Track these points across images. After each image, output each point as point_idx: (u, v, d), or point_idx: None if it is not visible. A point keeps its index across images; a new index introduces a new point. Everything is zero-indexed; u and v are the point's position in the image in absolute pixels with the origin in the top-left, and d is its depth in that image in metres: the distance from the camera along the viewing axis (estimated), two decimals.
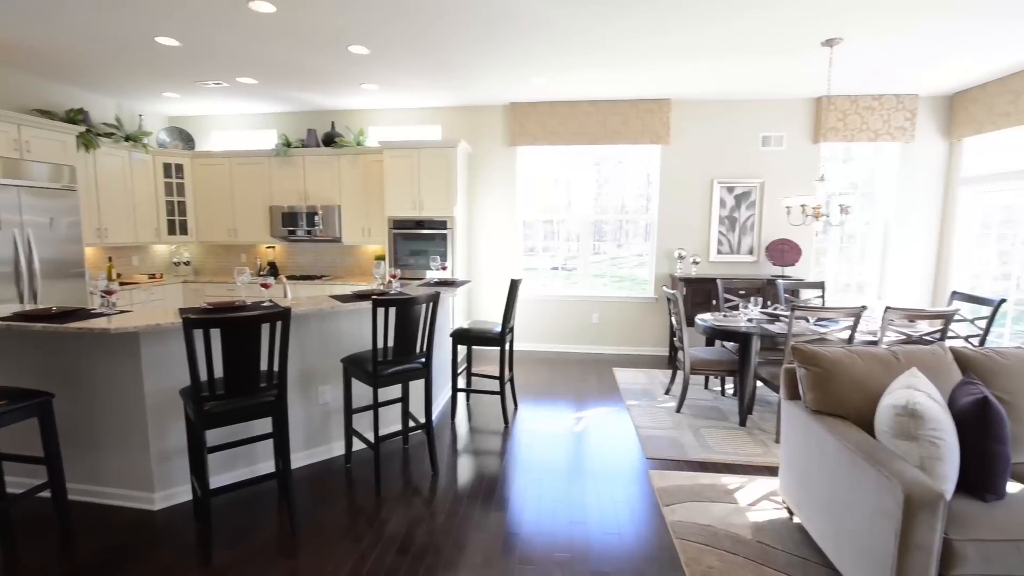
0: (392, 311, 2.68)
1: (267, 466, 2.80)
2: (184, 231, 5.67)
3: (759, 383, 3.90)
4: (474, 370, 4.92)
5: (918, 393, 1.79)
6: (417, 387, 3.37)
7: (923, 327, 3.17)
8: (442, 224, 5.05)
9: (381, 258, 5.58)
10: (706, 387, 4.35)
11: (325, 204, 5.42)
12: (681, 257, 5.29)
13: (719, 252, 5.37)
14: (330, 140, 5.50)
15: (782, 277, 4.78)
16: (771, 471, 2.87)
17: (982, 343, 3.34)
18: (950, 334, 3.27)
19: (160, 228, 5.53)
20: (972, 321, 3.34)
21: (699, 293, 5.04)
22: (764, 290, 4.74)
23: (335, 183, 5.44)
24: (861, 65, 4.11)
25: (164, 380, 2.46)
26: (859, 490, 1.79)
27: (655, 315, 5.58)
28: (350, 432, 2.91)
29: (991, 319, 3.32)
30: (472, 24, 3.35)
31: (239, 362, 2.07)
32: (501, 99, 5.28)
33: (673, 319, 3.93)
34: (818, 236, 5.33)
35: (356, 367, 2.71)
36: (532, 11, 3.15)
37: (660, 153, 5.37)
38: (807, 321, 3.42)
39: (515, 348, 5.80)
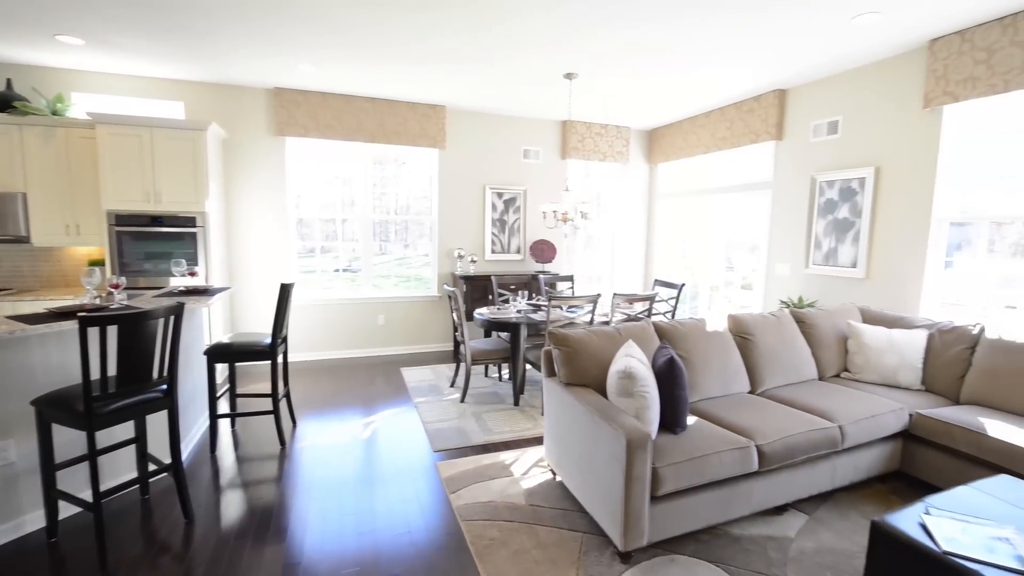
0: (112, 330, 2.14)
1: None
2: None
3: (528, 366, 4.44)
4: (241, 390, 4.31)
5: (632, 359, 2.31)
6: (159, 421, 2.78)
7: (638, 307, 4.09)
8: (189, 221, 4.24)
9: (98, 263, 4.38)
10: (486, 375, 4.73)
11: None
12: (461, 256, 5.62)
13: (493, 251, 5.88)
14: (6, 103, 4.02)
15: (543, 272, 5.53)
16: (539, 441, 3.31)
17: (672, 317, 4.49)
18: (654, 311, 4.30)
19: None
20: (667, 300, 4.46)
21: (477, 289, 5.44)
22: (530, 284, 5.40)
23: (15, 162, 4.01)
24: (592, 98, 5.04)
25: None
26: (599, 443, 2.22)
27: (439, 312, 5.79)
28: (53, 495, 2.21)
29: (677, 299, 4.50)
30: None
31: None
32: (264, 81, 4.71)
33: (455, 315, 4.16)
34: (567, 237, 6.32)
35: (58, 408, 2.08)
36: None
37: (438, 157, 5.59)
38: (561, 309, 4.04)
39: (291, 359, 5.28)
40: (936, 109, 3.49)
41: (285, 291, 3.21)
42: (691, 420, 2.51)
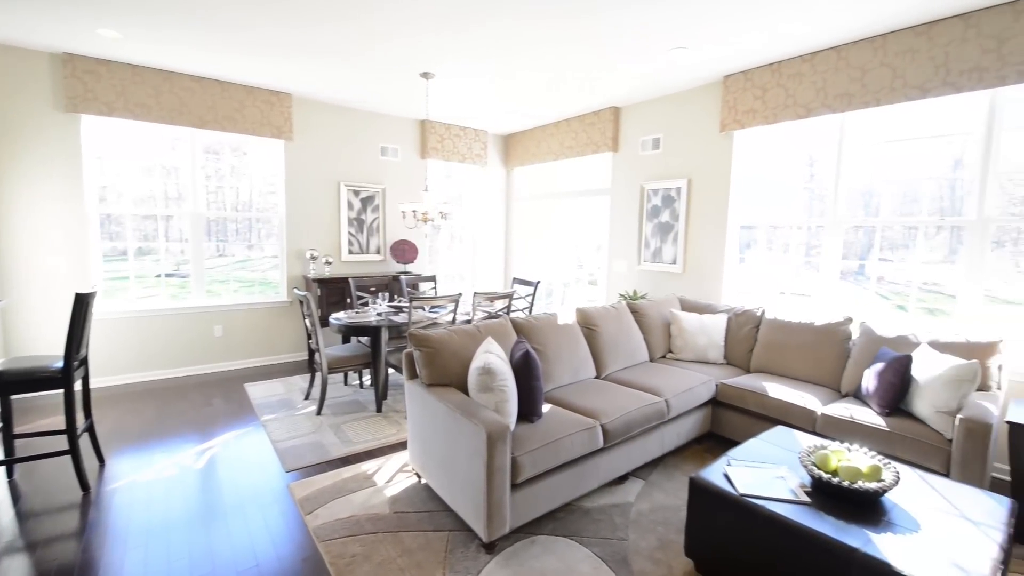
0: None
1: None
2: None
3: (391, 370, 4.32)
4: (23, 428, 3.45)
5: (491, 355, 2.40)
6: None
7: (498, 305, 4.25)
8: None
9: None
10: (346, 383, 4.48)
11: None
12: (314, 258, 5.22)
13: (351, 252, 5.59)
14: None
15: (404, 273, 5.42)
16: (404, 446, 3.25)
17: (530, 312, 4.77)
18: (513, 308, 4.51)
19: None
20: (524, 298, 4.71)
21: (334, 293, 5.11)
22: (391, 285, 5.25)
23: None
24: (449, 100, 5.08)
25: None
26: (461, 439, 2.26)
27: (290, 319, 5.32)
28: None
29: (534, 295, 4.79)
30: None
31: None
32: (48, 44, 3.80)
33: (307, 321, 3.85)
34: (427, 237, 6.29)
35: None
36: None
37: (284, 149, 5.11)
38: (423, 310, 4.00)
39: (96, 384, 4.38)
40: (729, 133, 4.24)
41: (82, 302, 2.65)
42: (546, 408, 2.69)
